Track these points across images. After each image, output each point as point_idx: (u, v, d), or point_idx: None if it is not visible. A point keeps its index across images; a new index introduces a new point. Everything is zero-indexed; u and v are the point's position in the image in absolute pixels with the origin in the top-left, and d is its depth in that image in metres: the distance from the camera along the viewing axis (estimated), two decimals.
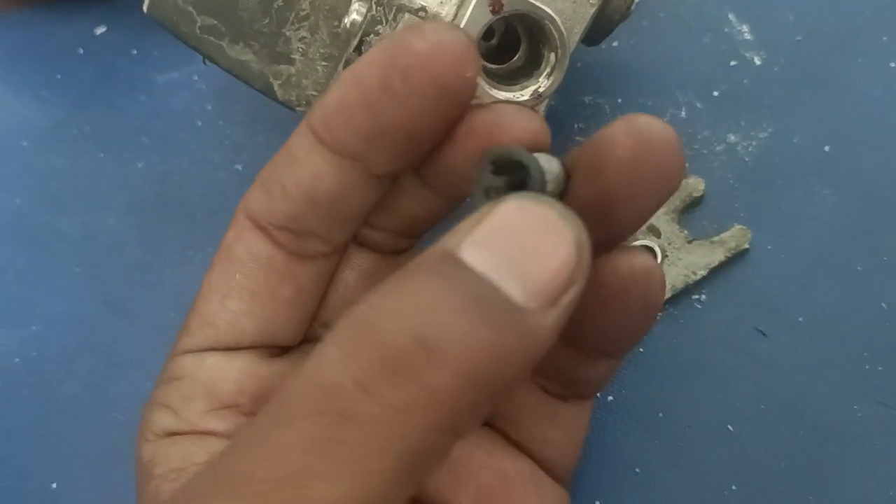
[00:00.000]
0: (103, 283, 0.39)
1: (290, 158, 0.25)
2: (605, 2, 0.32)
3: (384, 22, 0.29)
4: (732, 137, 0.39)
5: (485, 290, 0.20)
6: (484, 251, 0.20)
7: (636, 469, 0.33)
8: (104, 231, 0.40)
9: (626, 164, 0.23)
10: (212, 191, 0.41)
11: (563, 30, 0.26)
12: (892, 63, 0.40)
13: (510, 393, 0.22)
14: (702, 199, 0.37)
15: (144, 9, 0.32)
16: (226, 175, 0.41)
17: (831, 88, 0.40)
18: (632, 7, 0.33)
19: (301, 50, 0.32)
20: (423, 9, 0.28)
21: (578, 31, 0.31)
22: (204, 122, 0.42)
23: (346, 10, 0.30)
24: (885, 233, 0.37)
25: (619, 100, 0.40)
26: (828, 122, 0.39)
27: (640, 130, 0.23)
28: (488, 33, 0.28)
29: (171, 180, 0.41)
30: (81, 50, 0.45)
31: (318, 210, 0.25)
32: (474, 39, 0.26)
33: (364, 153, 0.24)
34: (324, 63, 0.32)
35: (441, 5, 0.27)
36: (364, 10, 0.29)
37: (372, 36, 0.30)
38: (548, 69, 0.27)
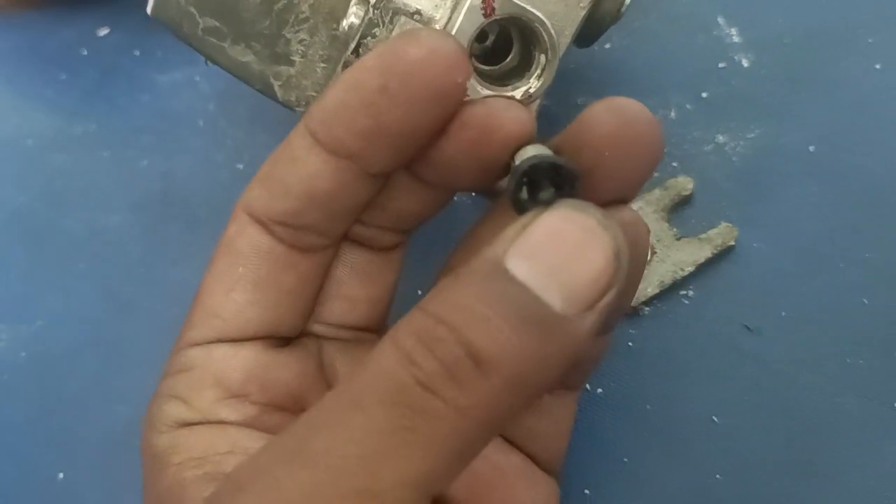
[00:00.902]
0: (107, 279, 0.40)
1: (290, 158, 0.26)
2: (595, 5, 0.32)
3: (381, 25, 0.30)
4: (721, 138, 0.40)
5: (528, 300, 0.22)
6: (527, 261, 0.22)
7: (624, 459, 0.34)
8: (108, 229, 0.41)
9: (610, 138, 0.24)
10: (213, 189, 0.42)
11: (552, 32, 0.27)
12: (877, 65, 0.41)
13: (547, 391, 0.25)
14: (690, 197, 0.38)
15: (149, 10, 0.33)
16: (227, 174, 0.42)
17: (818, 90, 0.41)
18: (622, 10, 0.34)
19: (301, 51, 0.33)
20: (419, 12, 0.28)
21: (569, 33, 0.32)
22: (206, 121, 0.43)
23: (345, 13, 0.30)
24: (869, 231, 0.37)
25: None
26: (814, 123, 0.40)
27: (620, 108, 0.25)
28: (482, 35, 0.29)
29: (174, 179, 0.42)
30: (85, 51, 0.46)
31: (317, 207, 0.26)
32: (466, 46, 0.27)
33: (361, 153, 0.25)
34: (323, 64, 0.33)
35: (436, 9, 0.28)
36: (361, 13, 0.30)
37: (369, 38, 0.30)
38: (538, 70, 0.28)
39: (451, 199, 0.28)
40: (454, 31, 0.27)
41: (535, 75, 0.28)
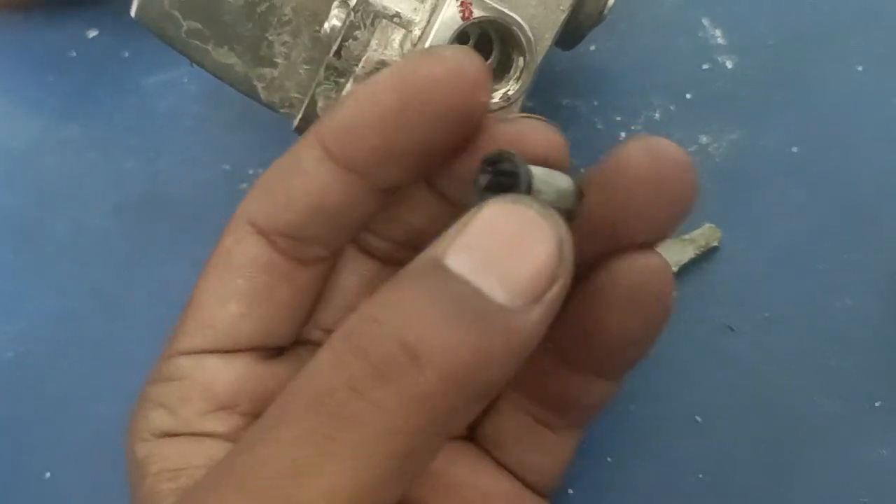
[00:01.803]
0: (92, 279, 0.40)
1: (298, 170, 0.26)
2: (576, 8, 0.33)
3: (362, 27, 0.30)
4: (704, 139, 0.40)
5: (468, 293, 0.21)
6: (467, 255, 0.21)
7: (608, 458, 0.35)
8: (94, 229, 0.41)
9: (644, 180, 0.24)
10: (199, 190, 0.42)
11: (529, 35, 0.27)
12: (858, 67, 0.41)
13: (499, 389, 0.23)
14: None
15: (133, 13, 0.33)
16: (213, 175, 0.42)
17: (800, 92, 0.41)
18: (605, 12, 0.34)
19: (283, 54, 0.33)
20: (398, 15, 0.29)
21: (549, 36, 0.32)
22: (192, 123, 0.43)
23: (327, 15, 0.31)
24: (850, 232, 0.38)
25: (596, 102, 0.41)
26: (796, 125, 0.40)
27: (656, 149, 0.24)
28: (463, 38, 0.29)
29: (160, 180, 0.42)
30: (74, 52, 0.45)
31: (323, 219, 0.26)
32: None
33: (373, 169, 0.25)
34: (305, 66, 0.33)
35: (415, 11, 0.29)
36: (343, 15, 0.30)
37: (351, 41, 0.31)
38: (517, 73, 0.28)
39: None
40: (432, 33, 0.27)
41: (514, 78, 0.28)
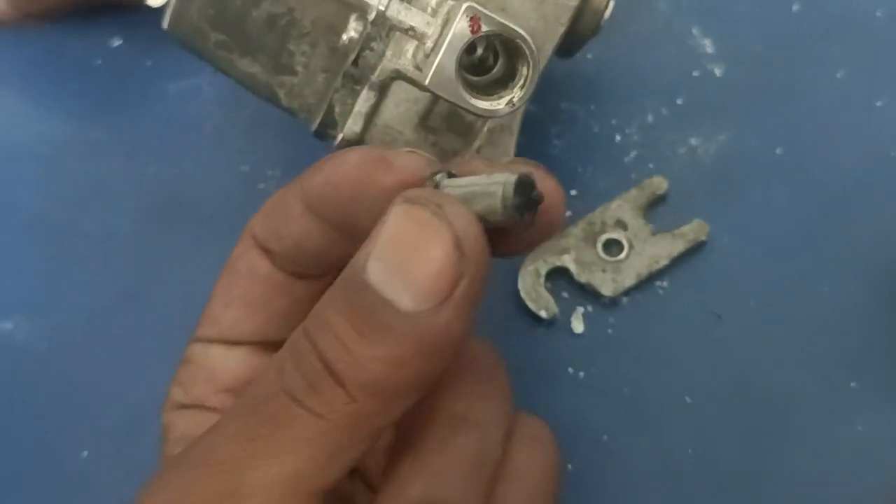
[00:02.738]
0: (120, 276, 0.42)
1: (284, 214, 0.28)
2: (574, 21, 0.35)
3: (378, 39, 0.32)
4: (694, 141, 0.42)
5: (377, 304, 0.22)
6: (379, 264, 0.22)
7: (604, 436, 0.37)
8: (120, 229, 0.43)
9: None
10: (220, 192, 0.44)
11: (533, 47, 0.30)
12: (839, 73, 0.43)
13: (431, 382, 0.24)
14: (665, 196, 0.41)
15: (164, 25, 0.35)
16: (232, 177, 0.44)
17: (784, 96, 0.43)
18: (601, 24, 0.36)
19: (303, 63, 0.35)
20: (413, 28, 0.31)
21: (550, 47, 0.34)
22: (212, 128, 0.45)
23: (344, 27, 0.33)
24: (829, 227, 0.40)
25: (592, 107, 0.44)
26: (780, 127, 0.42)
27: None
28: (471, 48, 0.31)
29: (182, 183, 0.44)
30: (99, 61, 0.47)
31: (308, 255, 0.28)
32: (456, 58, 0.29)
33: (347, 226, 0.26)
34: (323, 74, 0.35)
35: (428, 25, 0.31)
36: (360, 28, 0.32)
37: (367, 51, 0.33)
38: (521, 81, 0.30)
39: None
40: (444, 45, 0.29)
41: (519, 86, 0.31)
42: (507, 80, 0.31)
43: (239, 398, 0.25)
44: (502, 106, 0.31)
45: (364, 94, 0.34)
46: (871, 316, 0.38)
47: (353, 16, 0.33)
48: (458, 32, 0.29)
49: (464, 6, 0.29)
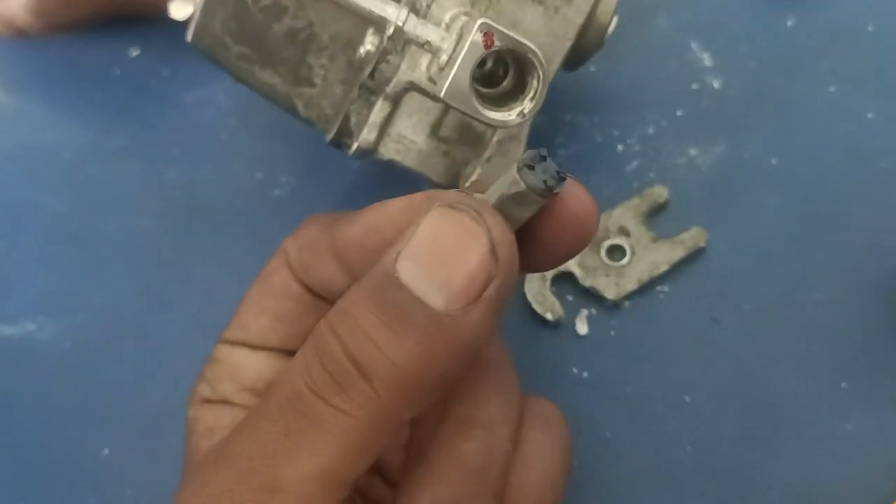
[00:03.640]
0: (140, 277, 0.43)
1: (317, 256, 0.29)
2: (580, 35, 0.36)
3: (394, 52, 0.34)
4: (692, 151, 0.43)
5: (410, 303, 0.22)
6: (412, 263, 0.23)
7: (607, 433, 0.37)
8: (140, 232, 0.44)
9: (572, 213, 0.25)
10: (235, 196, 0.45)
11: (543, 61, 0.31)
12: (831, 87, 0.45)
13: (455, 380, 0.25)
14: (665, 204, 0.42)
15: (188, 38, 0.36)
16: (248, 182, 0.45)
17: (779, 108, 0.44)
18: (605, 39, 0.38)
19: (321, 75, 0.35)
20: (428, 43, 0.33)
21: (557, 61, 0.36)
22: (228, 135, 0.47)
23: (361, 41, 0.34)
24: (822, 234, 0.41)
25: (596, 118, 0.45)
26: (775, 138, 0.43)
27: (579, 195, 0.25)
28: (481, 61, 0.32)
29: (200, 187, 0.45)
30: (118, 70, 0.49)
31: (338, 294, 0.27)
32: (469, 73, 0.31)
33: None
34: (340, 86, 0.35)
35: (443, 40, 0.32)
36: (376, 42, 0.33)
37: (383, 64, 0.34)
38: (531, 93, 0.32)
39: None
40: (459, 59, 0.31)
41: (529, 97, 0.32)
42: (517, 92, 0.33)
43: (265, 397, 0.26)
44: (513, 116, 0.32)
45: (379, 105, 0.35)
46: (860, 320, 0.39)
47: (369, 30, 0.33)
48: (473, 47, 0.30)
49: (478, 22, 0.30)
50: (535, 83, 0.32)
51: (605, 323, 0.40)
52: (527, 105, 0.32)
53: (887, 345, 0.38)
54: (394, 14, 0.33)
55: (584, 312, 0.40)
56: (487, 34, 0.31)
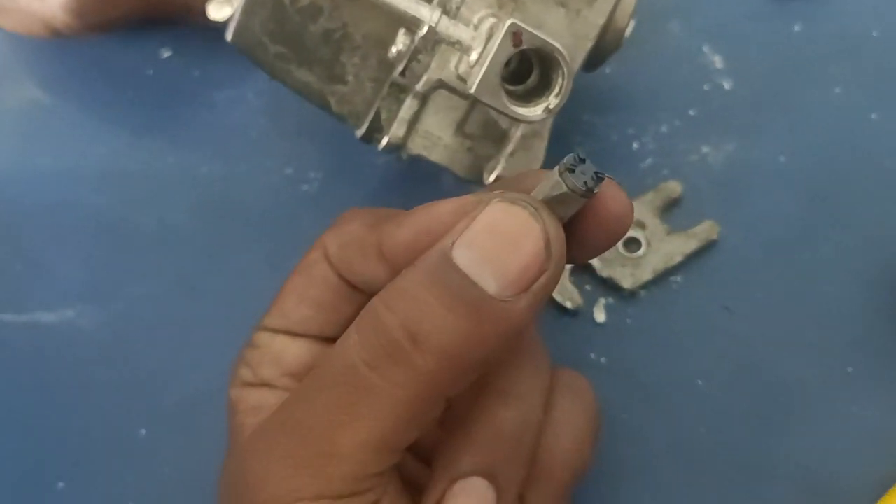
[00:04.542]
0: (175, 268, 0.44)
1: (363, 253, 0.30)
2: (601, 37, 0.38)
3: (424, 51, 0.35)
4: (705, 149, 0.44)
5: (465, 284, 0.24)
6: (468, 250, 0.24)
7: (623, 416, 0.38)
8: (175, 225, 0.45)
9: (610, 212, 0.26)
10: (265, 191, 0.46)
11: (568, 60, 0.33)
12: (837, 89, 0.46)
13: (496, 360, 0.26)
14: (679, 199, 0.43)
15: (228, 38, 0.37)
16: (277, 178, 0.46)
17: (787, 109, 0.45)
18: (622, 40, 0.39)
19: (354, 73, 0.37)
20: (459, 42, 0.34)
21: (579, 59, 0.37)
22: (258, 133, 0.48)
23: (393, 41, 0.35)
24: (828, 228, 0.42)
25: (612, 117, 0.46)
26: (784, 137, 0.44)
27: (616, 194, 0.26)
28: (507, 61, 0.34)
29: (231, 183, 0.46)
30: (150, 71, 0.49)
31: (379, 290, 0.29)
32: (498, 71, 0.32)
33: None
34: (371, 84, 0.37)
35: (473, 40, 0.34)
36: (408, 41, 0.35)
37: (414, 62, 0.35)
38: (556, 90, 0.33)
39: None
40: (489, 58, 0.32)
41: (554, 94, 0.33)
42: (541, 89, 0.34)
43: (314, 374, 0.27)
44: (539, 112, 0.33)
45: (408, 102, 0.37)
46: (864, 309, 0.40)
47: (401, 30, 0.35)
48: (503, 46, 0.32)
49: (508, 23, 0.32)
50: (560, 80, 0.33)
51: (622, 311, 0.41)
52: (552, 101, 0.33)
53: (890, 332, 0.39)
54: (428, 15, 0.34)
55: (602, 301, 0.42)
56: (516, 34, 0.32)
